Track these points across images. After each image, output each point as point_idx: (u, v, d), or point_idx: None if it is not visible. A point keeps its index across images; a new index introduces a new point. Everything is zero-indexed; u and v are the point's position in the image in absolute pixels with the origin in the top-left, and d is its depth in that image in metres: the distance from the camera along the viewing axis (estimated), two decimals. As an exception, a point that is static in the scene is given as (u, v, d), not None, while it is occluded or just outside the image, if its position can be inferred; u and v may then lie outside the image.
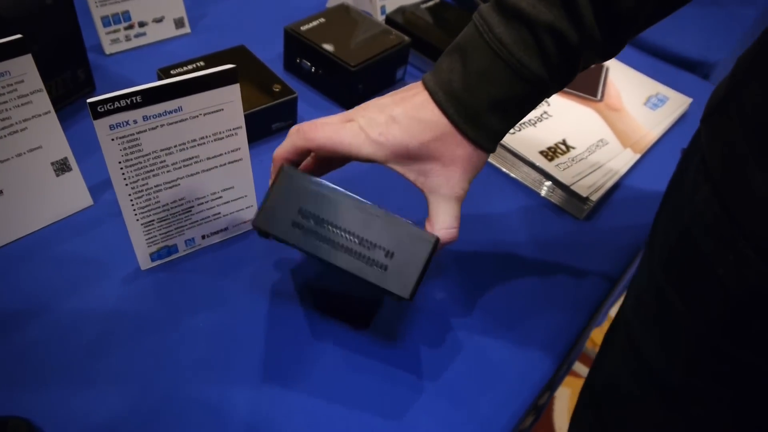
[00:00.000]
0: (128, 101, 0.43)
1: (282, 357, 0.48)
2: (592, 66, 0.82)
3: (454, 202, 0.43)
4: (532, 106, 0.42)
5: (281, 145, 0.45)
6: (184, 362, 0.47)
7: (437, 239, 0.42)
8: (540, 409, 0.74)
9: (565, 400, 1.31)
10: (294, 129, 0.44)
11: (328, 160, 0.47)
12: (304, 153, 0.44)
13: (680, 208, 0.42)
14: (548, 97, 0.42)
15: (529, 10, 0.38)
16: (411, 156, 0.42)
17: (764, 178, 0.34)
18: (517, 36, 0.39)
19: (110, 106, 0.43)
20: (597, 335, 1.40)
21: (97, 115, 0.43)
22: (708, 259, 0.38)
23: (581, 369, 1.35)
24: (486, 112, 0.41)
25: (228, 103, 0.48)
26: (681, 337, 0.42)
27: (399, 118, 0.41)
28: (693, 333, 0.41)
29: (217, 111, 0.48)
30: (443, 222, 0.43)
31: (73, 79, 0.66)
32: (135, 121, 0.44)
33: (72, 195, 0.55)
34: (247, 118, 0.50)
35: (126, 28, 0.74)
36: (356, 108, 0.44)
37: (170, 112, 0.45)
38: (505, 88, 0.40)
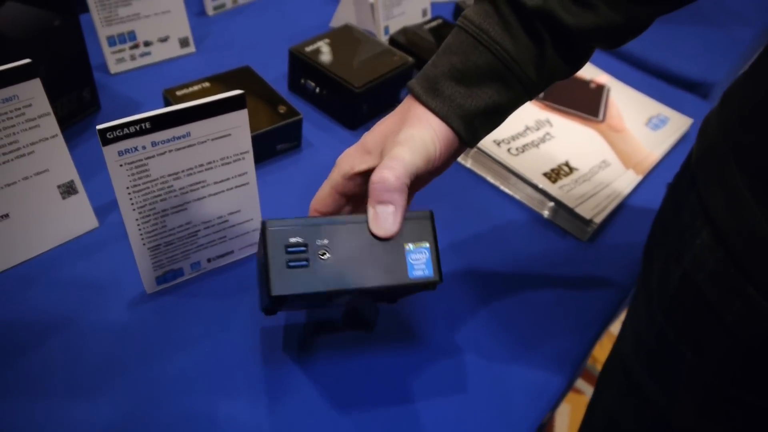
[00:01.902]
0: (137, 127, 0.43)
1: (288, 380, 0.48)
2: (593, 86, 0.83)
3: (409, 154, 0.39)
4: (495, 79, 0.40)
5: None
6: (190, 386, 0.47)
7: (431, 213, 0.41)
8: (541, 428, 0.74)
9: (566, 416, 1.31)
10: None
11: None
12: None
13: (678, 251, 0.41)
14: (515, 76, 0.40)
15: None
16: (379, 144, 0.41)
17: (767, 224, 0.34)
18: (480, 9, 0.40)
19: (119, 132, 0.43)
20: (598, 351, 1.40)
21: (106, 142, 0.43)
22: (714, 306, 0.38)
23: (582, 385, 1.35)
24: (445, 79, 0.40)
25: (236, 128, 0.48)
26: (690, 383, 0.42)
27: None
28: (702, 379, 0.40)
29: (225, 136, 0.48)
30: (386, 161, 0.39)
31: (79, 99, 0.66)
32: (143, 147, 0.44)
33: (78, 217, 0.55)
34: (252, 139, 0.51)
35: (131, 48, 0.75)
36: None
37: (178, 138, 0.46)
38: (465, 55, 0.40)
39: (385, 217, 0.38)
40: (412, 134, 0.40)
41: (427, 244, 0.40)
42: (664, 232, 0.46)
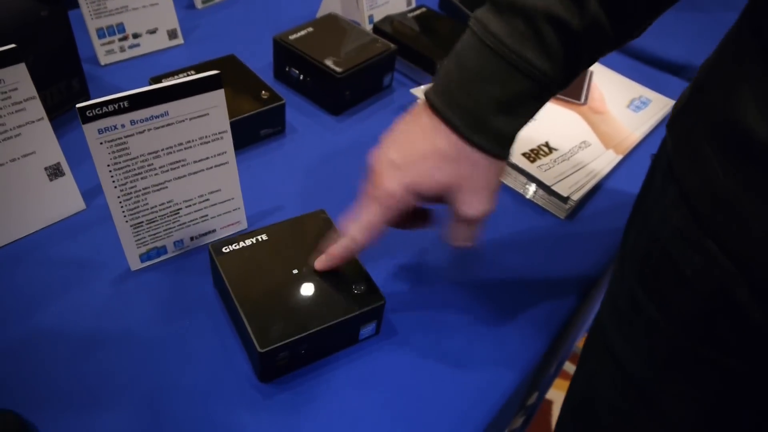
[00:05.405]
0: (116, 106, 0.45)
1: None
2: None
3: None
4: (538, 104, 0.40)
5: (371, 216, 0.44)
6: (173, 360, 0.48)
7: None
8: (530, 409, 0.75)
9: (561, 403, 1.31)
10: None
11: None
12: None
13: (649, 212, 0.42)
14: (554, 94, 0.39)
15: None
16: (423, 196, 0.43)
17: (726, 179, 0.35)
18: (512, 28, 0.36)
19: (98, 110, 0.44)
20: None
21: (86, 120, 0.44)
22: (677, 261, 0.38)
23: (578, 373, 1.36)
24: (489, 113, 0.39)
25: (213, 108, 0.49)
26: (656, 342, 0.42)
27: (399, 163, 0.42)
28: (667, 336, 0.41)
29: (202, 115, 0.49)
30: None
31: (68, 89, 0.68)
32: (123, 126, 0.46)
33: (65, 199, 0.57)
34: (235, 124, 0.52)
35: (120, 40, 0.77)
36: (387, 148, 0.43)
37: (157, 117, 0.47)
38: (505, 85, 0.38)
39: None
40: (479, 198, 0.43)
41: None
42: (642, 198, 0.47)
